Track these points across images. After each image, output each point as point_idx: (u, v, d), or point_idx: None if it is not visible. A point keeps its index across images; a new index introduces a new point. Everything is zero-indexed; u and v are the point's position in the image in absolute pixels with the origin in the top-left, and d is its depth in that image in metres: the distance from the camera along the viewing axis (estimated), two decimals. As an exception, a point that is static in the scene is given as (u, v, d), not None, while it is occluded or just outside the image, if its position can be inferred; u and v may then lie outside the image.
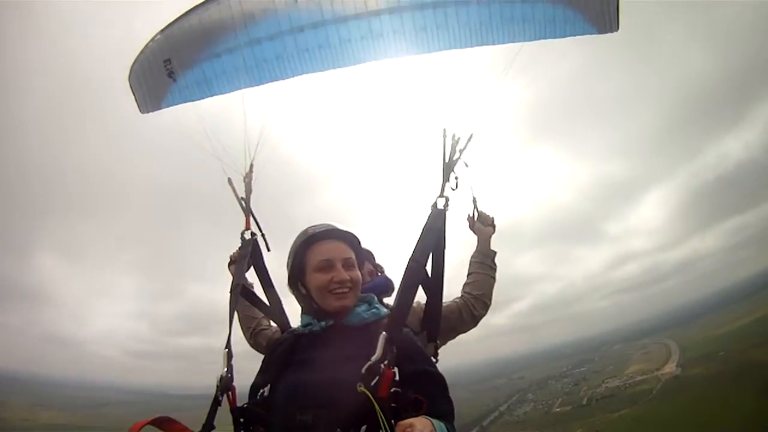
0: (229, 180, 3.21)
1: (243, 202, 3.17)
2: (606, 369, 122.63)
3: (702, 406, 62.19)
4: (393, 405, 1.78)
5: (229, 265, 3.21)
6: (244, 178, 3.22)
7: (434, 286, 2.67)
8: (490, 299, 3.09)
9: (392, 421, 1.70)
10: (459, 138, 2.80)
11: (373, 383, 1.77)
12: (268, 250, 3.11)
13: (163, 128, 13.91)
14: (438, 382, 2.09)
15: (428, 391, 1.93)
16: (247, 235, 3.06)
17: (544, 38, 2.96)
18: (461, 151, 2.80)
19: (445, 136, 2.80)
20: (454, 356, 3.26)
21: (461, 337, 3.14)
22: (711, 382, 72.00)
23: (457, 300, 3.09)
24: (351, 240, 2.28)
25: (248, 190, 3.21)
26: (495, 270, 3.17)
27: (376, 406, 1.68)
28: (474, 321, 3.07)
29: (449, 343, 3.14)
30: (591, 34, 3.02)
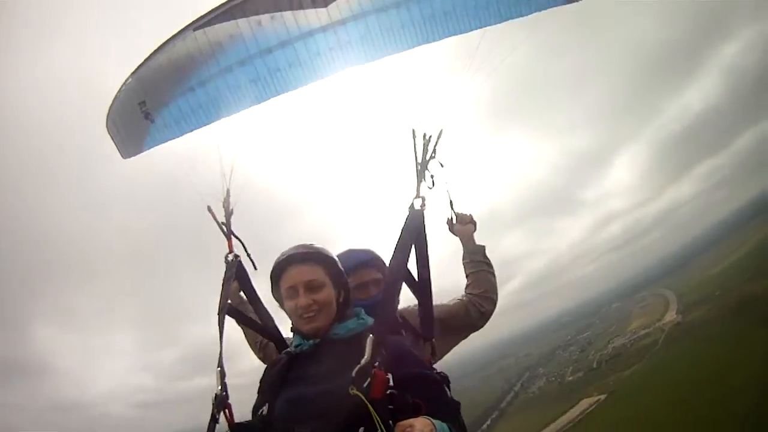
0: (209, 207, 3.26)
1: (224, 227, 3.21)
2: (609, 329, 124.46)
3: (708, 348, 63.53)
4: (390, 407, 1.80)
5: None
6: (223, 203, 3.27)
7: (422, 287, 2.69)
8: (495, 294, 3.10)
9: (390, 422, 1.73)
10: (429, 136, 2.84)
11: (365, 385, 1.78)
12: (255, 268, 3.16)
13: (135, 176, 13.17)
14: (434, 384, 2.13)
15: (426, 394, 1.95)
16: (231, 257, 3.08)
17: (512, 18, 2.94)
18: (433, 149, 2.83)
19: (414, 137, 2.83)
20: (457, 347, 3.24)
21: None
22: (712, 322, 73.57)
23: (463, 299, 3.11)
24: (317, 259, 2.32)
25: (227, 213, 3.25)
26: (489, 264, 3.18)
27: (369, 406, 1.70)
28: (483, 318, 3.08)
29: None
30: (558, 5, 3.00)
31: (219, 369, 2.37)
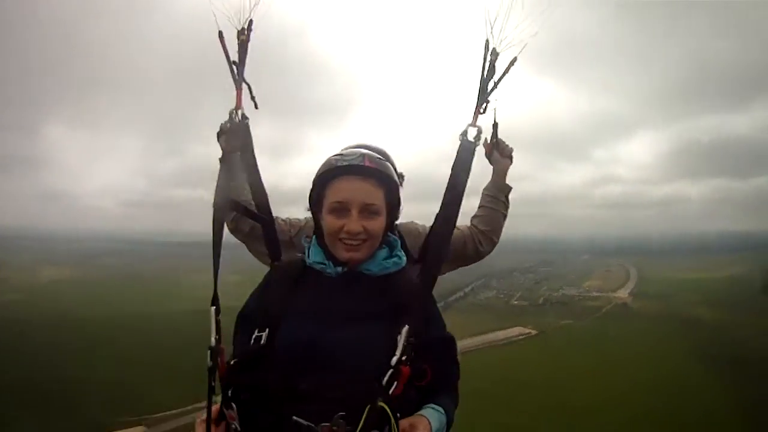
0: (220, 34, 2.23)
1: (235, 66, 2.22)
2: (567, 276, 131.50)
3: (636, 340, 68.00)
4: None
5: (218, 136, 2.40)
6: (239, 36, 2.23)
7: (445, 226, 2.00)
8: (498, 236, 2.86)
9: (398, 414, 1.48)
10: (498, 54, 2.07)
11: (391, 391, 1.47)
12: (256, 107, 2.28)
13: (177, 14, 11.70)
14: (448, 345, 1.87)
15: (437, 356, 1.74)
16: (239, 117, 2.18)
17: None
18: (502, 75, 2.08)
19: (487, 50, 2.07)
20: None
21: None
22: (652, 321, 78.46)
23: (464, 230, 2.79)
24: (382, 178, 1.79)
25: (242, 54, 2.23)
26: (507, 207, 2.89)
27: (392, 420, 1.43)
28: (477, 257, 2.83)
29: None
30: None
31: (214, 308, 1.73)
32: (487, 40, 2.05)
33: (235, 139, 2.18)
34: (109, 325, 67.92)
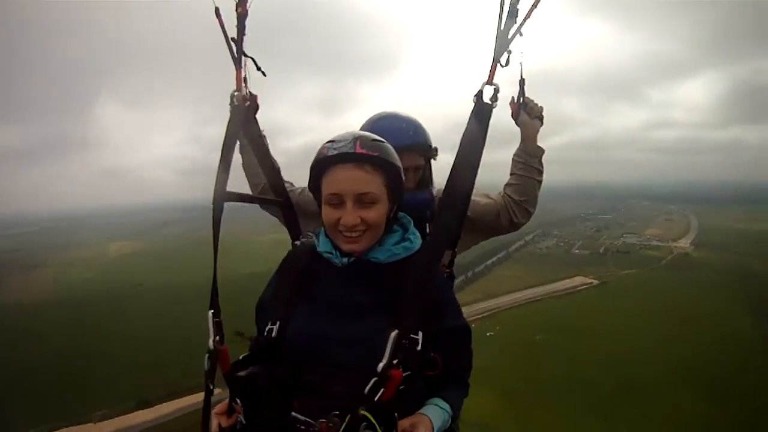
0: (217, 10, 2.13)
1: (233, 43, 2.13)
2: (628, 223, 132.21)
3: (698, 292, 69.84)
4: (401, 387, 1.46)
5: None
6: (236, 8, 2.13)
7: (453, 202, 1.95)
8: (534, 206, 2.63)
9: (395, 414, 1.45)
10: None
11: (377, 398, 1.41)
12: (264, 74, 2.23)
13: None
14: (461, 335, 1.75)
15: (449, 346, 1.67)
16: (239, 98, 2.14)
17: None
18: (523, 19, 1.92)
19: None
20: (493, 176, 2.78)
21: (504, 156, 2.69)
22: (715, 271, 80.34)
23: (498, 199, 2.60)
24: (377, 162, 1.61)
25: (241, 28, 2.14)
26: (541, 172, 2.60)
27: (376, 425, 1.37)
28: (512, 227, 2.62)
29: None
30: None
31: (211, 312, 1.79)
32: None
33: (235, 123, 2.09)
34: (178, 293, 72.28)
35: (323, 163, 1.62)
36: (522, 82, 2.42)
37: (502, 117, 2.30)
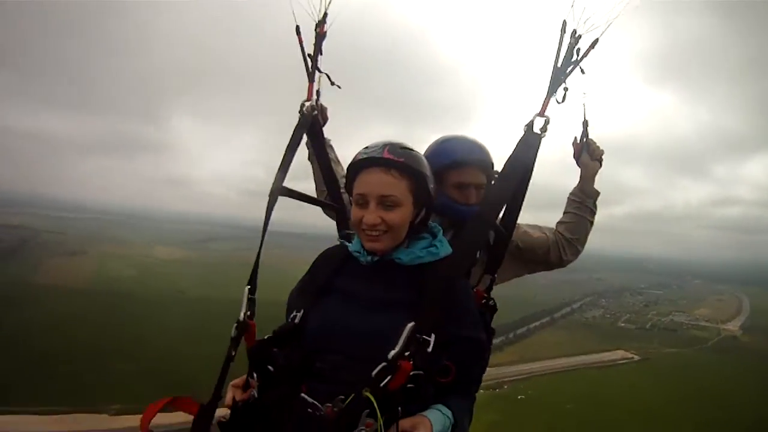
0: (297, 28, 2.35)
1: (309, 59, 2.37)
2: (679, 301, 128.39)
3: (742, 378, 66.58)
4: (410, 385, 1.52)
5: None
6: (316, 28, 2.36)
7: (507, 223, 2.18)
8: (583, 245, 2.70)
9: (399, 408, 1.49)
10: (579, 36, 1.93)
11: (383, 383, 1.46)
12: (339, 87, 2.43)
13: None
14: (475, 347, 1.80)
15: (461, 356, 1.71)
16: (308, 107, 2.34)
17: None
18: (582, 55, 1.95)
19: (563, 31, 1.94)
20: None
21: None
22: (762, 357, 76.20)
23: (549, 236, 2.68)
24: (403, 168, 1.75)
25: (318, 45, 2.36)
26: (594, 213, 2.68)
27: (378, 414, 1.41)
28: (560, 264, 2.72)
29: None
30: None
31: (248, 288, 1.98)
32: (564, 20, 1.92)
33: (300, 128, 2.29)
34: (217, 307, 66.90)
35: (355, 166, 1.81)
36: (585, 123, 2.58)
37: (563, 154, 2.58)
